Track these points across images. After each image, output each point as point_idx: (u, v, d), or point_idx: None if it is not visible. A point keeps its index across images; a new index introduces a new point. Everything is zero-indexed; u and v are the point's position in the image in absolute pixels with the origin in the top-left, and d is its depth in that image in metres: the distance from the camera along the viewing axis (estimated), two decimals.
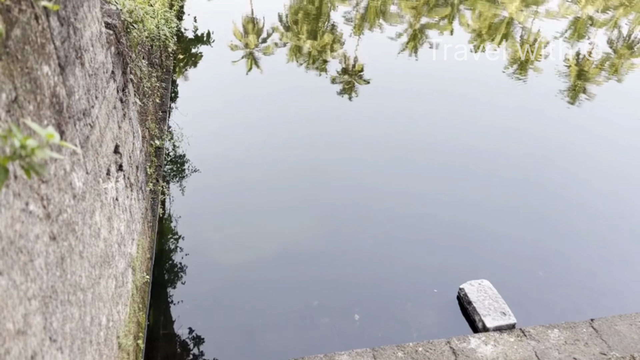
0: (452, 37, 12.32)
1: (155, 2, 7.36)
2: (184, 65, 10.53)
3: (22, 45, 2.27)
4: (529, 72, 10.84)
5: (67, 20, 2.91)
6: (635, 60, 11.41)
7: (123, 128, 4.29)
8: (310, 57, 11.23)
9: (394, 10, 13.60)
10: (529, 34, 12.44)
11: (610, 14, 13.53)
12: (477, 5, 13.88)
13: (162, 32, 6.54)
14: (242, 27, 12.41)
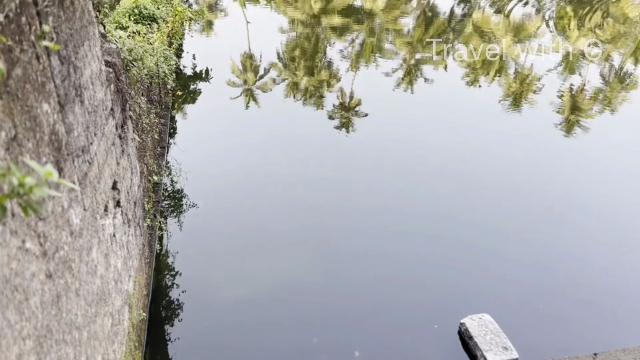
0: (446, 72, 12.52)
1: (155, 40, 7.50)
2: (182, 101, 10.65)
3: (23, 84, 2.31)
4: (523, 105, 10.97)
5: (67, 59, 2.95)
6: (628, 93, 11.57)
7: (121, 164, 4.31)
8: (307, 93, 11.37)
9: (388, 47, 13.85)
10: (522, 69, 12.65)
11: (600, 49, 13.79)
12: (471, 41, 14.15)
13: (161, 69, 6.64)
14: (241, 64, 12.60)
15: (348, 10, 16.55)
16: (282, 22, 15.72)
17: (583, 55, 13.35)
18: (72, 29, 3.07)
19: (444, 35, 14.55)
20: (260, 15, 16.46)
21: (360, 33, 14.64)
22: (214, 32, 14.75)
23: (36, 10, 2.53)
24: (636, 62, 13.14)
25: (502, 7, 17.05)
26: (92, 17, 3.53)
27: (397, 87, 11.63)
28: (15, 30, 2.26)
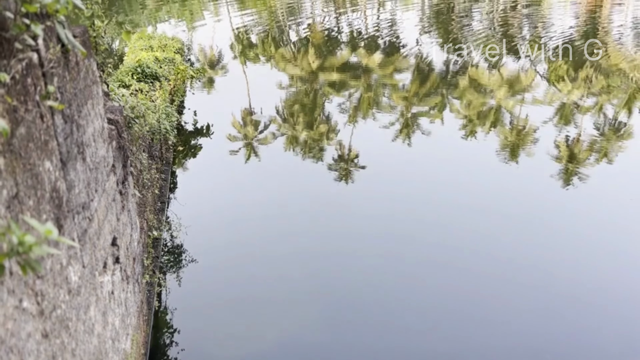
0: (443, 124, 12.71)
1: (157, 98, 7.66)
2: (183, 156, 10.76)
3: (26, 143, 2.34)
4: (521, 155, 11.08)
5: (71, 118, 3.01)
6: (623, 143, 11.71)
7: (121, 220, 4.30)
8: (306, 146, 11.51)
9: (385, 101, 14.13)
10: (517, 120, 12.85)
11: (594, 100, 14.07)
12: (466, 94, 14.45)
13: (162, 126, 6.75)
14: (241, 119, 12.81)
15: (345, 66, 16.99)
16: (282, 78, 16.10)
17: (577, 106, 13.61)
18: (76, 88, 3.14)
19: (439, 89, 14.86)
20: (260, 72, 16.89)
21: (357, 88, 14.96)
22: (215, 88, 15.09)
23: (42, 71, 2.60)
24: (629, 112, 13.37)
25: (495, 62, 17.52)
26: (96, 76, 3.63)
27: (395, 139, 11.78)
28: (21, 91, 2.31)
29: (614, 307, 6.79)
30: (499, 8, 27.82)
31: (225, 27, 22.19)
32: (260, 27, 22.35)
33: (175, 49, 13.48)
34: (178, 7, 26.14)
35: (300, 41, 20.30)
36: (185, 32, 20.69)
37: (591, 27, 23.43)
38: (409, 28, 22.06)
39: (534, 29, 22.96)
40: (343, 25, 23.06)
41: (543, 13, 26.59)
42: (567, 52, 18.58)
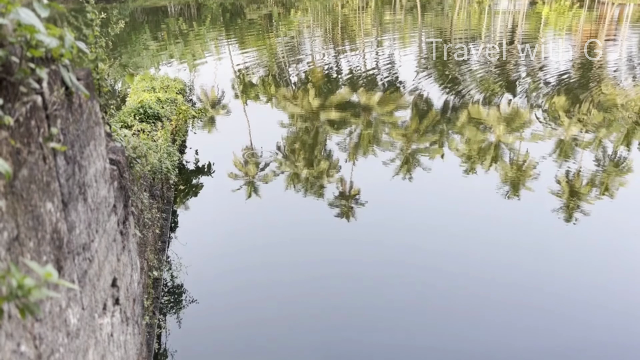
0: (443, 160, 12.77)
1: (159, 137, 7.73)
2: (184, 195, 10.77)
3: (28, 185, 2.35)
4: (521, 191, 11.08)
5: (73, 159, 3.03)
6: (623, 178, 11.73)
7: (122, 261, 4.28)
8: (307, 183, 11.53)
9: (385, 138, 14.24)
10: (517, 156, 12.92)
11: (592, 135, 14.17)
12: (465, 130, 14.57)
13: (164, 165, 6.78)
14: (242, 157, 12.88)
15: (345, 105, 17.20)
16: (282, 117, 16.28)
17: (576, 141, 13.70)
18: (79, 129, 3.17)
19: (438, 126, 15.00)
20: (261, 110, 17.09)
21: (357, 126, 15.10)
22: (216, 128, 15.23)
23: (46, 113, 2.63)
24: (628, 147, 13.45)
25: (493, 98, 17.73)
26: (98, 118, 3.67)
27: (396, 175, 11.82)
28: (25, 133, 2.34)
29: (615, 339, 6.67)
30: (495, 44, 28.36)
31: (226, 67, 22.58)
32: (261, 67, 22.74)
33: (177, 89, 13.68)
34: (180, 49, 26.66)
35: (300, 80, 20.62)
36: (187, 73, 21.04)
37: (586, 62, 23.80)
38: (407, 66, 22.44)
39: (531, 65, 23.34)
40: (342, 64, 23.47)
41: (539, 49, 27.08)
42: (564, 87, 18.84)
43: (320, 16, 42.37)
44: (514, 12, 46.15)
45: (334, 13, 44.44)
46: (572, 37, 32.87)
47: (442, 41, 29.58)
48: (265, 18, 39.40)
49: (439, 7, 48.44)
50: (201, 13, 41.70)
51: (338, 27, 36.03)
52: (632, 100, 17.12)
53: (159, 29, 32.99)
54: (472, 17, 40.89)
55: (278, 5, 49.27)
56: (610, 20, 40.91)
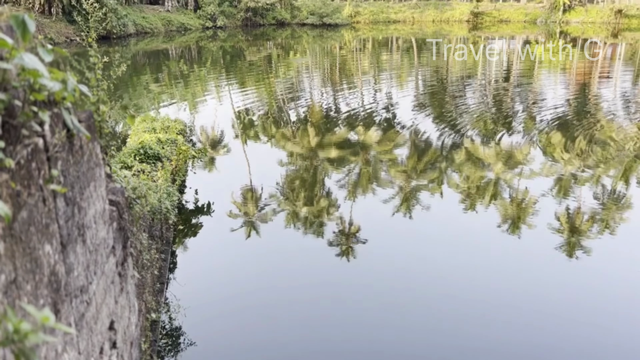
0: (442, 198, 12.78)
1: (159, 178, 7.76)
2: (183, 235, 10.72)
3: (27, 227, 2.34)
4: (522, 228, 11.05)
5: (73, 200, 3.03)
6: (624, 214, 11.72)
7: (120, 303, 4.22)
8: (307, 222, 11.50)
9: (384, 176, 14.29)
10: (517, 193, 12.94)
11: (591, 172, 14.23)
12: (464, 168, 14.64)
13: (163, 205, 6.78)
14: (242, 197, 12.89)
15: (344, 143, 17.35)
16: (282, 156, 16.39)
17: (575, 178, 13.75)
18: (79, 171, 3.19)
19: (437, 164, 15.08)
20: (261, 150, 17.21)
21: (356, 164, 15.18)
22: (216, 167, 15.30)
23: (47, 156, 2.65)
24: (627, 183, 13.49)
25: (491, 136, 17.90)
26: (99, 159, 3.69)
27: (395, 213, 11.80)
28: (25, 175, 2.35)
29: None
30: (491, 82, 28.82)
31: (226, 107, 22.86)
32: (261, 106, 23.03)
33: (178, 130, 13.82)
34: (181, 90, 27.06)
35: (299, 119, 20.85)
36: (188, 114, 21.29)
37: (582, 99, 24.13)
38: (404, 105, 22.74)
39: (527, 103, 23.65)
40: (341, 104, 23.78)
41: (534, 88, 27.50)
42: (560, 124, 19.05)
43: (319, 57, 43.19)
44: (508, 51, 47.05)
45: (332, 54, 45.32)
46: (566, 75, 33.44)
47: (438, 78, 30.06)
48: (265, 60, 40.15)
49: (435, 47, 49.42)
50: (202, 55, 42.52)
51: (336, 67, 36.69)
52: (629, 137, 17.28)
53: (160, 71, 33.56)
54: (468, 57, 41.65)
55: (277, 47, 50.29)
56: (604, 58, 41.69)
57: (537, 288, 8.64)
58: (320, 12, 72.76)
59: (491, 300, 8.38)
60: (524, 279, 8.99)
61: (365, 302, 8.29)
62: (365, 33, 63.70)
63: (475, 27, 69.85)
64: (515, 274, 9.19)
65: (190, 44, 49.86)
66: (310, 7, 74.02)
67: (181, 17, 61.18)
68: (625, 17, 70.72)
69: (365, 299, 8.40)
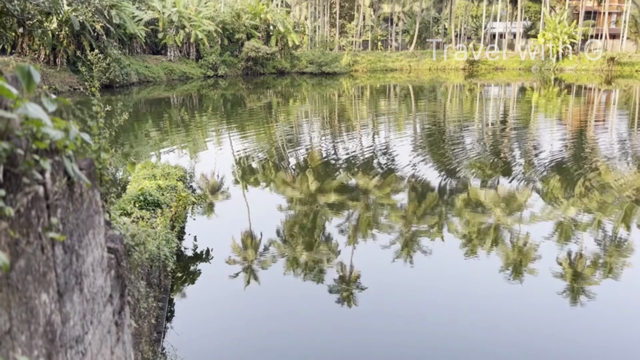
0: (443, 243, 12.71)
1: (158, 225, 7.73)
2: (182, 283, 10.59)
3: (25, 276, 2.32)
4: (524, 273, 10.93)
5: (71, 248, 3.01)
6: (626, 259, 11.64)
7: (116, 353, 4.13)
8: (307, 268, 11.39)
9: (384, 221, 14.25)
10: (517, 238, 12.87)
11: (591, 216, 14.21)
12: (464, 213, 14.62)
13: (162, 252, 6.73)
14: (241, 242, 12.81)
15: (344, 188, 17.39)
16: (282, 201, 16.39)
17: (575, 223, 13.71)
18: (78, 218, 3.18)
19: (437, 209, 15.08)
20: (261, 195, 17.24)
21: (356, 209, 15.17)
22: (215, 213, 15.27)
23: (46, 203, 2.65)
24: (627, 228, 13.46)
25: (490, 181, 17.97)
26: (98, 206, 3.69)
27: (396, 259, 11.70)
28: (24, 224, 2.34)
29: None
30: (489, 128, 29.17)
31: (227, 154, 23.05)
32: (261, 153, 23.22)
33: (178, 176, 13.88)
34: (182, 137, 27.34)
35: (299, 165, 20.98)
36: (188, 160, 21.43)
37: (579, 145, 24.37)
38: (403, 151, 22.93)
39: (525, 147, 23.86)
40: (340, 149, 23.99)
41: (531, 134, 27.81)
42: (558, 169, 19.15)
43: (318, 104, 43.89)
44: (504, 98, 47.86)
45: (331, 101, 46.07)
46: (562, 120, 33.90)
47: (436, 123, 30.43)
48: (265, 107, 40.79)
49: (432, 94, 50.31)
50: (203, 103, 43.21)
51: (335, 114, 37.21)
52: (627, 182, 17.34)
53: (162, 118, 34.02)
54: (465, 104, 42.35)
55: (277, 95, 51.18)
56: (599, 104, 42.37)
57: (544, 335, 8.48)
58: (319, 61, 74.48)
59: (496, 347, 8.20)
60: (529, 325, 8.82)
61: (366, 349, 8.10)
62: (364, 81, 64.97)
63: (471, 75, 71.31)
64: (520, 320, 9.02)
65: (192, 92, 50.75)
66: (310, 56, 75.82)
67: (183, 67, 62.54)
68: (618, 65, 72.38)
69: (365, 345, 8.22)
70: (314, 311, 9.66)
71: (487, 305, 9.60)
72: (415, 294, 10.16)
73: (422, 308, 9.55)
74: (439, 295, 10.00)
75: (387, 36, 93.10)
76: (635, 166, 19.93)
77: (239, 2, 73.95)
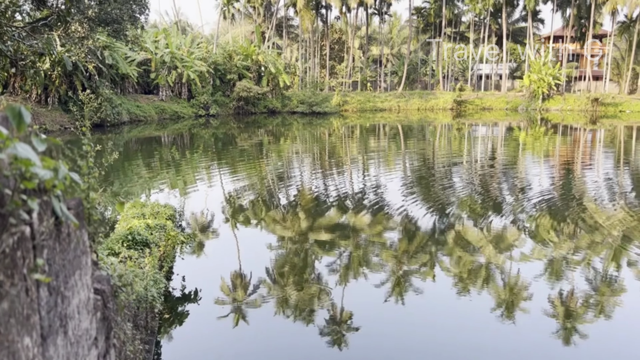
0: (434, 282, 12.62)
1: (146, 264, 7.63)
2: (169, 324, 10.36)
3: (7, 319, 2.26)
4: (516, 313, 10.84)
5: (56, 290, 2.95)
6: (617, 297, 11.61)
7: None
8: (297, 309, 11.21)
9: (375, 260, 14.17)
10: (509, 277, 12.82)
11: (581, 255, 14.23)
12: (454, 252, 14.59)
13: (149, 293, 6.62)
14: (230, 282, 12.64)
15: (335, 227, 17.34)
16: (272, 240, 16.28)
17: (566, 261, 13.71)
18: (65, 259, 3.13)
19: (427, 247, 15.03)
20: (251, 234, 17.11)
21: (347, 247, 15.09)
22: (205, 253, 15.11)
23: (33, 244, 2.61)
24: (618, 267, 13.48)
25: (480, 220, 18.03)
26: (86, 247, 3.64)
27: (388, 298, 11.58)
28: (9, 265, 2.30)
29: None
30: (477, 167, 29.45)
31: (217, 192, 22.99)
32: (251, 191, 23.20)
33: (167, 215, 13.78)
34: (172, 176, 27.30)
35: (289, 203, 20.95)
36: (178, 199, 21.34)
37: (566, 184, 24.62)
38: (393, 190, 23.02)
39: (513, 186, 24.05)
40: (330, 188, 24.04)
41: (520, 172, 28.10)
42: (547, 208, 19.28)
43: (309, 143, 44.22)
44: (492, 137, 48.54)
45: (322, 140, 46.46)
46: (550, 159, 34.35)
47: (425, 162, 30.68)
48: (256, 145, 41.00)
49: (420, 134, 50.96)
50: (194, 142, 43.37)
51: (326, 152, 37.46)
52: (616, 220, 17.47)
53: (152, 157, 34.02)
54: (453, 143, 42.86)
55: (268, 134, 51.58)
56: (585, 143, 43.08)
57: None
58: (310, 101, 75.55)
59: None
60: None
61: None
62: (353, 120, 65.77)
63: (459, 115, 72.53)
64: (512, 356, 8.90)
65: (183, 131, 50.99)
66: (300, 96, 76.92)
67: (174, 106, 63.06)
68: (602, 105, 74.13)
69: None
70: (304, 353, 9.46)
71: (481, 344, 9.46)
72: (407, 335, 10.01)
73: (414, 349, 9.39)
74: (431, 335, 9.86)
75: (376, 77, 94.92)
76: (623, 204, 20.13)
77: (230, 44, 75.42)
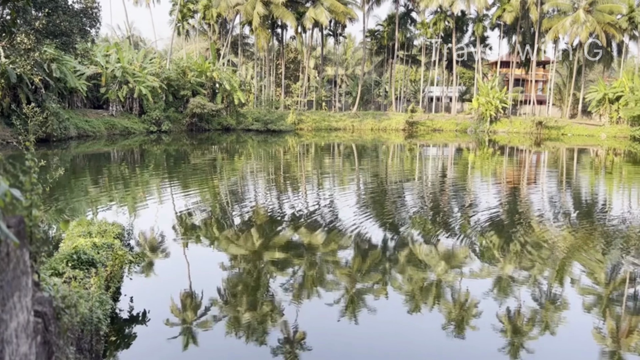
0: (387, 299, 12.72)
1: (92, 285, 7.36)
2: (115, 348, 9.97)
3: None
4: (466, 330, 11.04)
5: None
6: (563, 314, 12.03)
7: None
8: (249, 329, 11.03)
9: (329, 278, 14.16)
10: (458, 294, 13.07)
11: (527, 273, 14.70)
12: (406, 270, 14.77)
13: (95, 315, 6.36)
14: (180, 303, 12.32)
15: (288, 245, 17.26)
16: (224, 259, 16.02)
17: (513, 279, 14.12)
18: (3, 280, 2.98)
19: (380, 265, 15.17)
20: (203, 253, 16.79)
21: (300, 266, 15.02)
22: (154, 272, 14.70)
23: None
24: (561, 284, 13.99)
25: (430, 238, 18.37)
26: (27, 267, 3.48)
27: (341, 317, 11.56)
28: None
29: None
30: (427, 186, 30.10)
31: (168, 210, 22.49)
32: (204, 209, 22.82)
33: (115, 234, 13.36)
34: (121, 193, 26.56)
35: (243, 222, 20.72)
36: (127, 217, 20.75)
37: (513, 204, 25.49)
38: (347, 208, 23.18)
39: (463, 205, 24.69)
40: (285, 206, 23.96)
41: (469, 192, 28.92)
42: (495, 226, 19.87)
43: (264, 161, 44.08)
44: (443, 157, 49.87)
45: (277, 158, 46.44)
46: (497, 179, 35.51)
47: (378, 181, 31.13)
48: (209, 163, 40.51)
49: (374, 153, 51.75)
50: (145, 158, 42.44)
51: (281, 170, 37.42)
52: (560, 238, 18.17)
53: (101, 174, 33.04)
54: (405, 162, 43.71)
55: (222, 151, 51.13)
56: (530, 164, 44.86)
57: None
58: (265, 119, 75.55)
59: None
60: None
61: None
62: (309, 139, 66.13)
63: (411, 135, 74.22)
64: None
65: (134, 147, 49.84)
66: (255, 114, 76.84)
67: (125, 121, 61.65)
68: (546, 128, 77.65)
69: None
70: None
71: None
72: (359, 354, 10.00)
73: None
74: (384, 353, 9.89)
75: (331, 97, 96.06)
76: (566, 222, 20.99)
77: (185, 60, 74.68)
